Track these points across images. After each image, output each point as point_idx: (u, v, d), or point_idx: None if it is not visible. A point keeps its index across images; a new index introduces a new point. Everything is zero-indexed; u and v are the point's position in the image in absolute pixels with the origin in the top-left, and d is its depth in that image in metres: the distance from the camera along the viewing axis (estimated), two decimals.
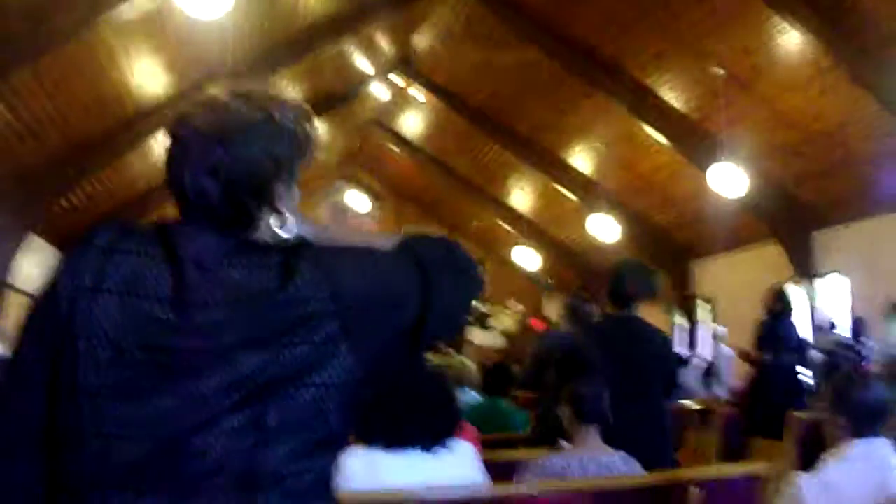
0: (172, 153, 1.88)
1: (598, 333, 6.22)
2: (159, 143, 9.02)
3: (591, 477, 4.42)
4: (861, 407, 3.55)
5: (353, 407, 1.85)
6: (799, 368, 10.18)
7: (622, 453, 4.62)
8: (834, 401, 3.63)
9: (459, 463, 3.90)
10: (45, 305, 1.79)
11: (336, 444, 1.88)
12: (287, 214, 1.96)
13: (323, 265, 1.81)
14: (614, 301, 6.06)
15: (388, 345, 1.88)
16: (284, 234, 1.94)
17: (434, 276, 1.93)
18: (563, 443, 4.89)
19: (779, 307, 9.58)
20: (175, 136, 1.88)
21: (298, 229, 1.98)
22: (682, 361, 15.10)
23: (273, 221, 1.93)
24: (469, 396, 8.17)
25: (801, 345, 9.95)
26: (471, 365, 9.27)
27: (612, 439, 4.72)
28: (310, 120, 1.98)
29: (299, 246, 1.85)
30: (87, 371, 1.70)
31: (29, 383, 1.77)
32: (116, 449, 1.69)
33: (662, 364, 6.06)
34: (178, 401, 1.68)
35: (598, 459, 4.52)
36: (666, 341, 6.27)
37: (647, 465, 4.70)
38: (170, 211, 1.96)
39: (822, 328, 14.53)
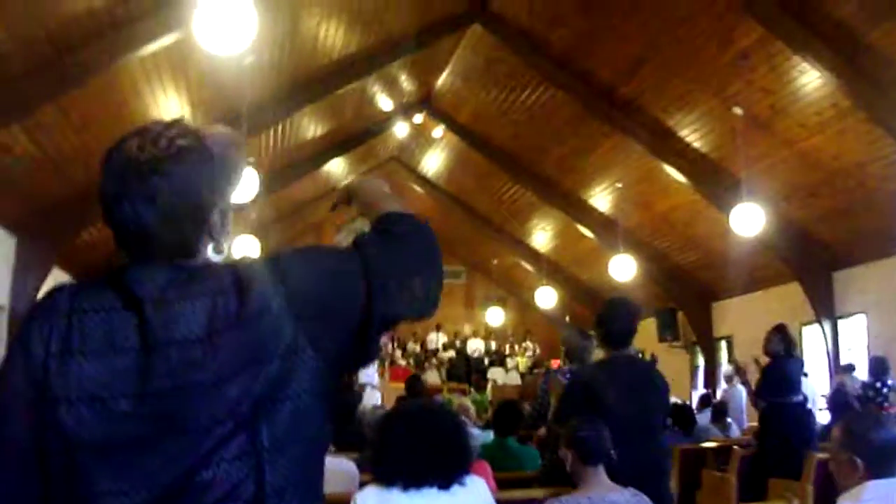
0: (108, 185, 1.84)
1: (607, 372, 6.16)
2: None
3: None
4: (876, 446, 3.51)
5: (329, 400, 1.86)
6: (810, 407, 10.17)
7: (632, 489, 4.60)
8: (848, 440, 3.59)
9: (473, 499, 3.90)
10: (17, 375, 1.77)
11: (322, 444, 1.93)
12: (223, 241, 1.96)
13: (273, 271, 1.82)
14: (611, 343, 5.98)
15: (347, 339, 1.87)
16: (218, 259, 1.95)
17: (375, 268, 1.93)
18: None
19: (783, 347, 9.52)
20: (109, 167, 1.86)
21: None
22: (706, 402, 15.06)
23: (210, 248, 1.94)
24: (473, 435, 8.18)
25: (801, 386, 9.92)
26: (469, 405, 9.29)
27: (616, 477, 4.70)
28: (239, 147, 1.99)
29: (247, 261, 1.87)
30: (75, 433, 1.69)
31: (15, 460, 1.76)
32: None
33: (663, 402, 6.04)
34: (172, 445, 1.68)
35: (607, 498, 4.49)
36: (664, 379, 6.21)
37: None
38: None
39: (841, 369, 14.48)
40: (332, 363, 1.84)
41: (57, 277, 14.39)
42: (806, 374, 13.74)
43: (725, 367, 18.09)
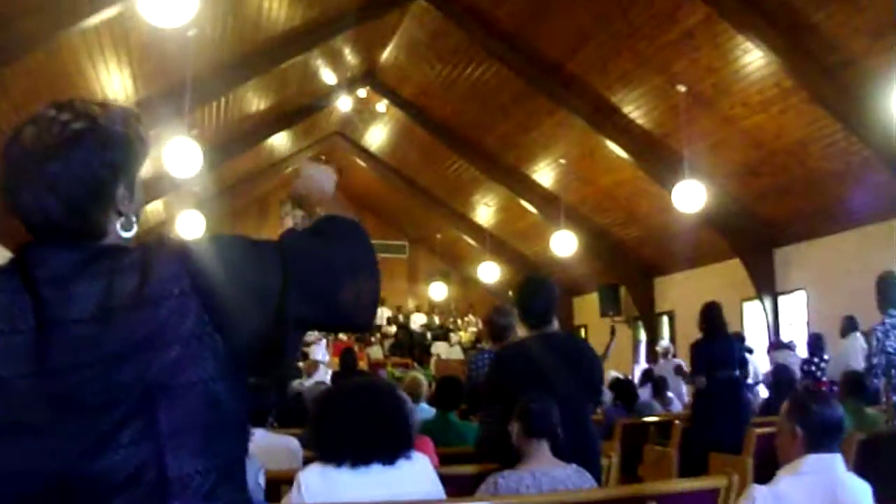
0: (7, 176, 1.83)
1: (520, 354, 6.10)
2: None
3: (546, 491, 4.42)
4: (818, 422, 3.59)
5: (241, 387, 1.84)
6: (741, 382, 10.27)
7: (574, 466, 4.60)
8: (793, 411, 3.66)
9: (417, 474, 3.90)
10: None
11: (235, 431, 1.88)
12: (132, 217, 1.95)
13: (179, 256, 1.80)
14: (529, 322, 5.92)
15: (258, 333, 1.83)
16: (128, 235, 1.93)
17: (294, 264, 1.91)
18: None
19: (708, 327, 9.59)
20: (7, 158, 1.84)
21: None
22: (648, 377, 15.17)
23: (119, 225, 1.92)
24: (423, 410, 8.19)
25: (741, 359, 9.98)
26: (421, 378, 9.29)
27: (557, 450, 4.71)
28: (139, 121, 1.96)
29: (155, 243, 1.85)
30: None
31: None
32: (11, 485, 1.68)
33: (590, 376, 6.00)
34: (68, 427, 1.67)
35: (550, 474, 4.50)
36: (593, 352, 6.19)
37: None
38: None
39: (780, 344, 14.64)
40: (243, 353, 1.82)
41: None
42: (750, 351, 13.93)
43: (661, 343, 18.22)
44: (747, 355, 11.97)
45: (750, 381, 12.52)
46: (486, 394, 6.33)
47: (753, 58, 12.78)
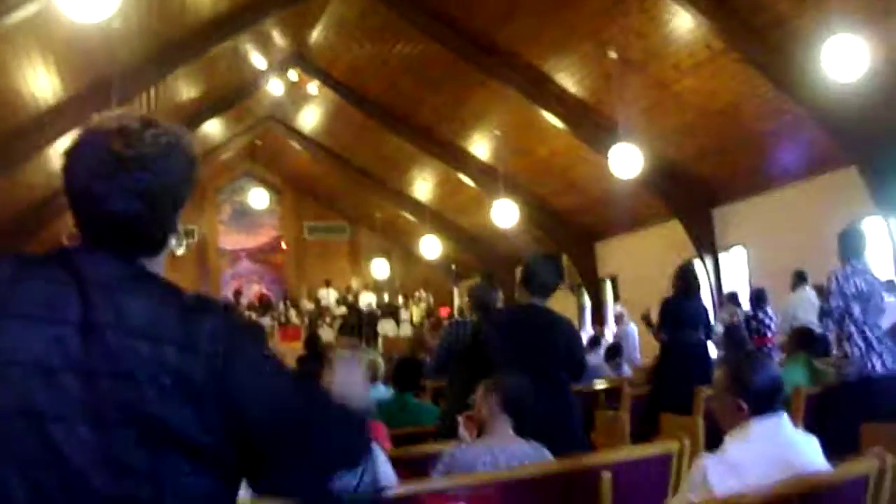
0: (87, 176, 1.82)
1: (504, 321, 6.24)
2: (57, 152, 8.83)
3: (502, 468, 4.42)
4: (758, 388, 3.59)
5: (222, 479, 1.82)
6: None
7: (533, 442, 4.61)
8: (732, 385, 3.67)
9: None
10: None
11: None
12: (181, 234, 2.00)
13: (226, 324, 1.80)
14: (531, 291, 6.08)
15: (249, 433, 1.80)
16: (179, 252, 1.99)
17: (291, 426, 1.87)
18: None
19: (682, 285, 9.64)
20: (87, 165, 1.83)
21: None
22: (596, 342, 15.25)
23: (174, 240, 1.96)
24: (379, 391, 8.15)
25: (707, 322, 10.02)
26: (379, 360, 9.25)
27: (522, 428, 4.72)
28: (193, 144, 1.99)
29: (197, 294, 1.86)
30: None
31: None
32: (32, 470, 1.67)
33: (568, 350, 6.08)
34: (88, 434, 1.67)
35: (508, 449, 4.50)
36: (571, 327, 6.30)
37: (561, 451, 4.71)
38: (69, 220, 1.94)
39: (725, 302, 14.73)
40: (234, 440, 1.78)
41: None
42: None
43: (615, 307, 18.29)
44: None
45: None
46: (467, 361, 6.39)
47: (683, 21, 12.81)
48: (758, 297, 12.95)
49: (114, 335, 1.70)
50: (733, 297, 14.38)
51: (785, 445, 3.57)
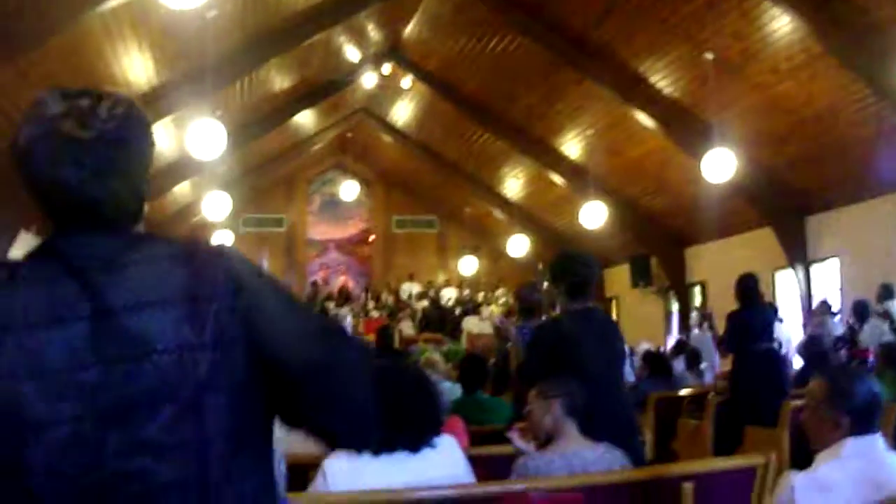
0: (51, 167, 1.73)
1: (575, 327, 6.11)
2: None
3: (576, 472, 4.35)
4: (860, 404, 3.45)
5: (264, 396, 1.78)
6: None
7: (605, 445, 4.55)
8: (833, 399, 3.52)
9: (444, 460, 3.84)
10: None
11: (261, 436, 1.83)
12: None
13: (225, 263, 1.76)
14: (572, 295, 5.94)
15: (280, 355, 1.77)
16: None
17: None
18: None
19: (743, 297, 9.51)
20: (50, 150, 1.73)
21: None
22: (681, 348, 15.08)
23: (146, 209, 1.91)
24: (445, 388, 8.12)
25: (773, 332, 9.89)
26: (437, 358, 9.22)
27: (587, 432, 4.66)
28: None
29: (191, 239, 1.84)
30: (25, 409, 1.59)
31: None
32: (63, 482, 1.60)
33: (621, 354, 6.03)
34: (114, 422, 1.61)
35: (581, 454, 4.44)
36: (619, 331, 6.20)
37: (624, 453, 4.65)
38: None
39: (817, 313, 14.47)
40: (260, 368, 1.74)
41: (26, 240, 14.25)
42: (780, 320, 13.76)
43: (694, 313, 18.09)
44: (778, 324, 11.84)
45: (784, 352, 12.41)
46: (525, 372, 6.31)
47: (781, 23, 12.59)
48: (861, 310, 12.66)
49: (129, 315, 1.64)
50: (825, 306, 14.13)
51: (878, 465, 3.44)
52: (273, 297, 1.81)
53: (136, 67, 13.65)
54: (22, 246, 13.93)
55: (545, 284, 7.24)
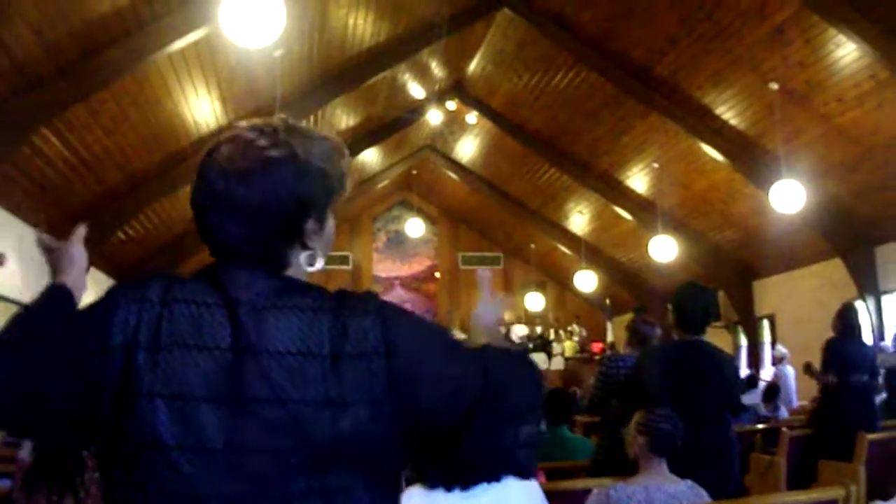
0: (197, 193, 1.81)
1: (666, 358, 6.10)
2: None
3: None
4: None
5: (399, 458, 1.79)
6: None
7: (689, 482, 4.51)
8: None
9: (517, 496, 3.80)
10: (89, 338, 1.69)
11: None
12: (318, 252, 1.89)
13: (380, 317, 1.73)
14: (684, 327, 5.96)
15: (438, 416, 1.74)
16: (312, 270, 1.89)
17: (494, 379, 1.80)
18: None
19: (844, 327, 9.33)
20: (201, 174, 1.81)
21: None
22: (752, 383, 14.91)
23: (303, 258, 1.86)
24: None
25: (873, 366, 9.66)
26: None
27: (679, 467, 4.62)
28: (343, 154, 1.93)
29: (351, 292, 1.79)
30: (154, 428, 1.61)
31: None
32: None
33: (729, 388, 5.94)
34: (241, 463, 1.61)
35: (664, 488, 4.41)
36: (732, 364, 6.14)
37: (715, 494, 4.59)
38: None
39: (886, 346, 14.26)
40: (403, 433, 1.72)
41: (94, 278, 14.42)
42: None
43: (778, 348, 17.82)
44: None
45: None
46: (623, 396, 6.30)
47: (846, 51, 12.48)
48: None
49: (269, 358, 1.63)
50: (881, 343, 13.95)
51: None
52: (428, 356, 1.76)
53: (204, 107, 13.83)
54: (91, 283, 14.06)
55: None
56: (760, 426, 10.73)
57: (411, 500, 3.65)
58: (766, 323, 21.04)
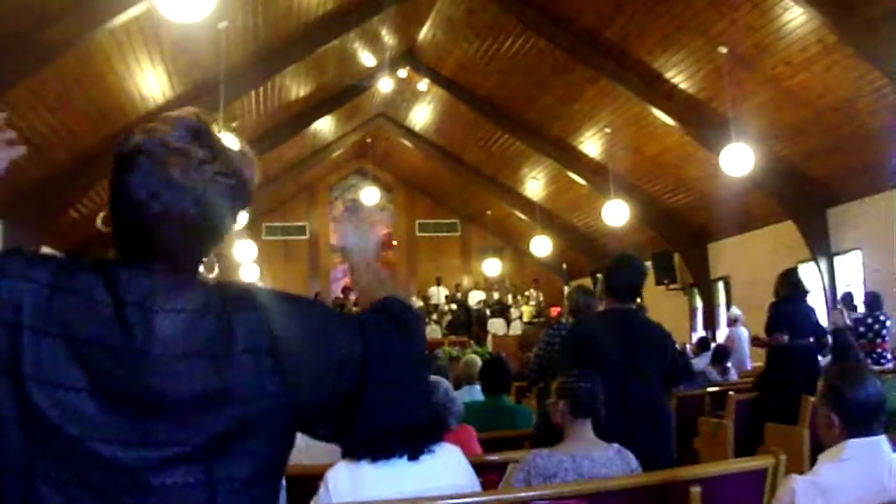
0: (142, 193, 1.73)
1: (600, 326, 6.11)
2: None
3: (584, 475, 4.30)
4: (853, 405, 3.38)
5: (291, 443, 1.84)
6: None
7: (616, 446, 4.49)
8: (827, 396, 3.47)
9: (444, 468, 3.78)
10: None
11: (276, 481, 1.84)
12: (215, 259, 1.91)
13: (261, 313, 1.76)
14: (614, 295, 5.98)
15: (325, 398, 1.82)
16: (210, 276, 1.89)
17: (373, 346, 1.87)
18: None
19: (789, 290, 9.37)
20: (144, 177, 1.74)
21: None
22: (704, 345, 14.98)
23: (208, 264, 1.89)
24: (474, 393, 8.05)
25: (817, 328, 9.70)
26: (476, 360, 9.13)
27: (609, 433, 4.61)
28: (255, 167, 1.94)
29: (235, 290, 1.81)
30: (49, 417, 1.60)
31: None
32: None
33: (660, 357, 5.94)
34: (126, 447, 1.62)
35: (591, 456, 4.38)
36: (664, 334, 6.14)
37: (645, 460, 4.59)
38: None
39: (839, 306, 14.34)
40: (303, 414, 1.82)
41: None
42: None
43: (732, 310, 17.89)
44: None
45: None
46: (559, 365, 6.32)
47: (794, 14, 12.49)
48: (872, 301, 12.59)
49: (156, 359, 1.66)
50: (847, 299, 14.01)
51: (882, 468, 3.36)
52: (308, 340, 1.81)
53: (149, 81, 13.70)
54: None
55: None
56: (711, 389, 10.76)
57: (339, 474, 3.64)
58: (720, 285, 21.16)
